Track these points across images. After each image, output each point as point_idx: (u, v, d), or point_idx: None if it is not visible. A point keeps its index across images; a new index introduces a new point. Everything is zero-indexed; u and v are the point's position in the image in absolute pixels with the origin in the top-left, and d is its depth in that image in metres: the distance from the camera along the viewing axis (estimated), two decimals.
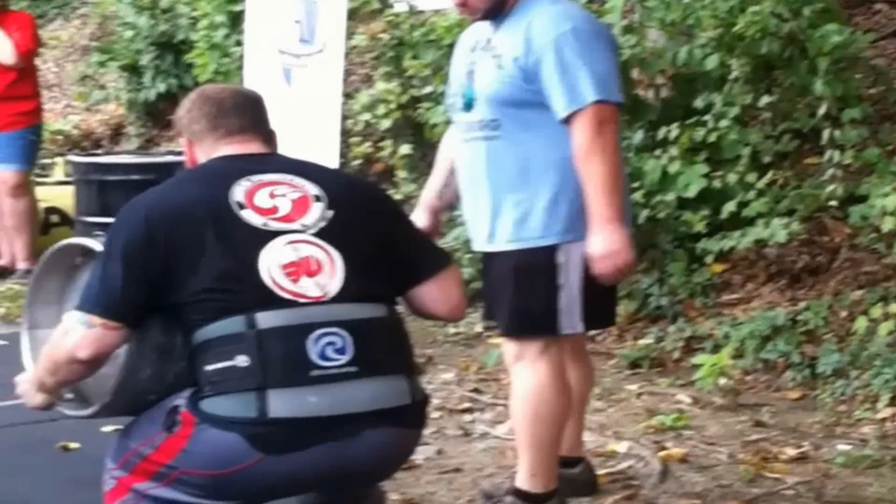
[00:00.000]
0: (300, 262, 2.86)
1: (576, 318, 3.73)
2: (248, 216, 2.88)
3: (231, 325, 2.78)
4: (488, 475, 4.37)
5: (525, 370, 3.79)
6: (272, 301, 2.80)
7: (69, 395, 3.08)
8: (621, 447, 4.60)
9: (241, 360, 2.76)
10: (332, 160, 5.77)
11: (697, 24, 5.81)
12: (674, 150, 5.68)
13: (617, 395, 5.29)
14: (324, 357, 2.79)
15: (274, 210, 2.91)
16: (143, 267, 2.82)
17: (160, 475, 2.86)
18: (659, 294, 5.84)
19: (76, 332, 2.84)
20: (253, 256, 2.83)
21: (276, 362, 2.76)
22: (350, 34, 7.26)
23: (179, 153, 7.22)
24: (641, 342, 5.75)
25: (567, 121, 3.65)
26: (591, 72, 3.63)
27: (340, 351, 2.81)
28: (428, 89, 6.87)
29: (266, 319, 2.78)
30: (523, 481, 3.85)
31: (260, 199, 2.91)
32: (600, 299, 3.81)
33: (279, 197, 2.93)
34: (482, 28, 3.85)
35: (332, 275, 2.88)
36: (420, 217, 4.02)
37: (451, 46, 6.19)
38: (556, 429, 3.82)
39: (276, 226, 2.89)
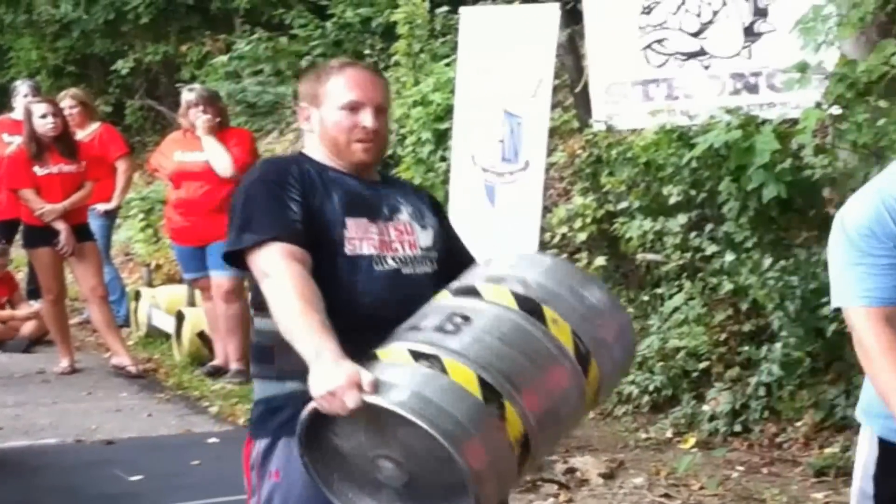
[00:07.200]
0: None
1: None
2: None
3: None
4: None
5: None
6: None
7: None
8: None
9: None
10: None
11: (889, 147, 5.94)
12: None
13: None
14: None
15: None
16: None
17: None
18: (845, 405, 5.92)
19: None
20: None
21: None
22: (550, 151, 7.33)
23: None
24: (827, 451, 5.78)
25: None
26: None
27: None
28: (623, 204, 6.98)
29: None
30: None
31: None
32: None
33: None
34: None
35: None
36: None
37: (647, 164, 6.42)
38: None
39: None
